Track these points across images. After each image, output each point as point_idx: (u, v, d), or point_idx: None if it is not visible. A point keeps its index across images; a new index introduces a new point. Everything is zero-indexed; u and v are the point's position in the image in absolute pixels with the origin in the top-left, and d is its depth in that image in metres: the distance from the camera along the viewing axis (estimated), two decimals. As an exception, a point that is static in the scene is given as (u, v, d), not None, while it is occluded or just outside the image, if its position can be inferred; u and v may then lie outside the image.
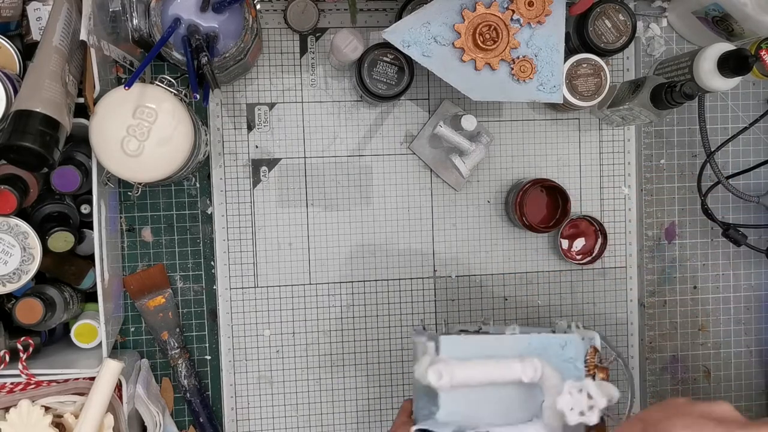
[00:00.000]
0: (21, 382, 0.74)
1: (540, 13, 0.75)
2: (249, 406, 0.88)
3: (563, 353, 0.63)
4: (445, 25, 0.75)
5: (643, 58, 0.91)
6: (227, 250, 0.87)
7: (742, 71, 0.78)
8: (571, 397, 0.59)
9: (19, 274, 0.72)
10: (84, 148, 0.77)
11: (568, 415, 0.59)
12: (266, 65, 0.87)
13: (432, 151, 0.89)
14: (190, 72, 0.69)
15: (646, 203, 0.92)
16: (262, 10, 0.86)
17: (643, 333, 0.93)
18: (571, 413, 0.59)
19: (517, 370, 0.60)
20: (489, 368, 0.60)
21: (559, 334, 0.64)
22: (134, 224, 0.86)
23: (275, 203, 0.87)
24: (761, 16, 0.80)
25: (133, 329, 0.87)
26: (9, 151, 0.62)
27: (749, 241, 0.87)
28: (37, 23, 0.73)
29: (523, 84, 0.77)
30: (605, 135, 0.91)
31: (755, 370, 0.95)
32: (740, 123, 0.92)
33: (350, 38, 0.78)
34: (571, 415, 0.59)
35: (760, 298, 0.95)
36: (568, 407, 0.59)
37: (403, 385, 0.90)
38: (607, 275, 0.92)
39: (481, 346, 0.62)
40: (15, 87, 0.67)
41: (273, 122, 0.87)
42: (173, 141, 0.70)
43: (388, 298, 0.90)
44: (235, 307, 0.87)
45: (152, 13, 0.71)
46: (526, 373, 0.60)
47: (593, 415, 0.59)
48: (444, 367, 0.59)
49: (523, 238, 0.91)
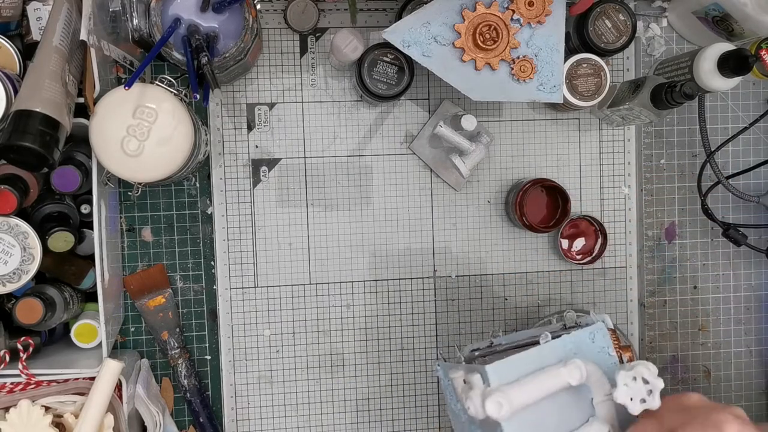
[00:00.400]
0: (21, 382, 0.74)
1: (540, 13, 0.75)
2: (249, 406, 0.88)
3: (594, 345, 0.62)
4: (445, 25, 0.75)
5: (643, 58, 0.91)
6: (227, 250, 0.87)
7: (742, 71, 0.78)
8: (627, 387, 0.57)
9: (19, 274, 0.72)
10: (84, 148, 0.77)
11: (630, 405, 0.57)
12: (266, 65, 0.87)
13: (432, 151, 0.89)
14: (190, 72, 0.69)
15: (646, 203, 0.92)
16: (262, 10, 0.86)
17: (643, 333, 0.93)
18: (632, 403, 0.57)
19: (564, 376, 0.59)
20: (539, 383, 0.59)
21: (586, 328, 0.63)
22: (134, 224, 0.86)
23: (275, 203, 0.87)
24: (761, 16, 0.80)
25: (133, 329, 0.87)
26: (9, 151, 0.62)
27: (749, 241, 0.87)
28: (37, 23, 0.73)
29: (523, 84, 0.77)
30: (605, 135, 0.91)
31: (755, 370, 0.95)
32: (740, 123, 0.92)
33: (350, 38, 0.78)
34: (633, 406, 0.57)
35: (760, 298, 0.95)
36: (627, 398, 0.57)
37: (403, 385, 0.90)
38: (607, 275, 0.92)
39: (523, 362, 0.61)
40: (15, 87, 0.67)
41: (273, 122, 0.87)
42: (173, 141, 0.70)
43: (388, 298, 0.90)
44: (235, 307, 0.87)
45: (152, 13, 0.71)
46: (572, 376, 0.59)
47: (655, 399, 0.57)
48: (501, 396, 0.57)
49: (523, 238, 0.91)
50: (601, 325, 0.63)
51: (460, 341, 0.90)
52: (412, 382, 0.90)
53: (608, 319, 0.65)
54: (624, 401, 0.57)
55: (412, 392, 0.90)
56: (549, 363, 0.61)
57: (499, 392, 0.58)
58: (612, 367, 0.62)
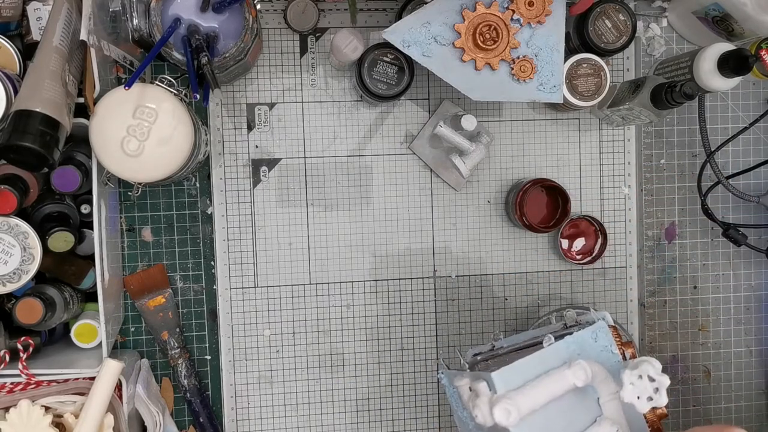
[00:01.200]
0: (21, 382, 0.74)
1: (540, 13, 0.75)
2: (249, 406, 0.88)
3: (597, 344, 0.62)
4: (445, 25, 0.75)
5: (643, 58, 0.91)
6: (227, 250, 0.87)
7: (742, 71, 0.78)
8: (633, 386, 0.57)
9: (19, 274, 0.72)
10: (84, 148, 0.77)
11: (637, 404, 0.57)
12: (266, 65, 0.87)
13: (432, 151, 0.89)
14: (190, 72, 0.69)
15: (646, 203, 0.92)
16: (262, 10, 0.86)
17: (643, 333, 0.93)
18: (640, 402, 0.57)
19: (570, 378, 0.59)
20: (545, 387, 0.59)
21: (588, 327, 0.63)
22: (134, 224, 0.86)
23: (275, 203, 0.87)
24: (761, 16, 0.80)
25: (133, 329, 0.87)
26: (9, 151, 0.62)
27: (749, 241, 0.87)
28: (37, 23, 0.73)
29: (523, 84, 0.77)
30: (605, 135, 0.91)
31: (755, 370, 0.95)
32: (740, 123, 0.92)
33: (350, 38, 0.78)
34: (640, 404, 0.57)
35: (760, 298, 0.95)
36: (634, 397, 0.57)
37: (403, 385, 0.90)
38: (607, 275, 0.92)
39: (528, 367, 0.61)
40: (15, 87, 0.67)
41: (273, 122, 0.87)
42: (173, 141, 0.70)
43: (388, 298, 0.90)
44: (235, 307, 0.87)
45: (152, 13, 0.71)
46: (578, 377, 0.59)
47: (662, 397, 0.57)
48: (508, 403, 0.57)
49: (523, 238, 0.91)
50: (602, 323, 0.63)
51: (460, 341, 0.90)
52: (412, 382, 0.90)
53: (608, 315, 0.65)
54: (631, 400, 0.57)
55: (412, 392, 0.90)
56: (553, 365, 0.60)
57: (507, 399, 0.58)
58: (616, 365, 0.61)
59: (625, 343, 0.64)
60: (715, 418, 0.95)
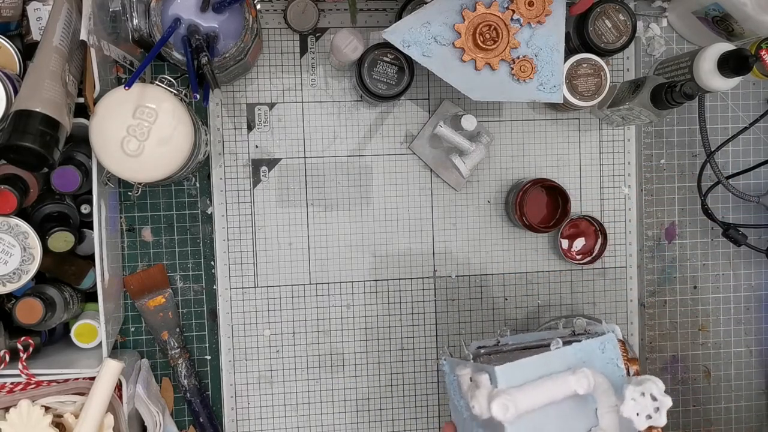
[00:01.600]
0: (21, 382, 0.74)
1: (540, 13, 0.75)
2: (249, 406, 0.88)
3: (604, 356, 0.62)
4: (445, 25, 0.75)
5: (643, 58, 0.91)
6: (227, 250, 0.87)
7: (742, 71, 0.78)
8: (635, 402, 0.57)
9: (19, 274, 0.72)
10: (84, 148, 0.77)
11: (636, 421, 0.57)
12: (266, 65, 0.87)
13: (432, 151, 0.89)
14: (190, 72, 0.69)
15: (646, 203, 0.92)
16: (262, 10, 0.86)
17: (643, 333, 0.93)
18: (639, 419, 0.57)
19: (572, 384, 0.58)
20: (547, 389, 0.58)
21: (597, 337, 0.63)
22: (134, 224, 0.86)
23: (275, 203, 0.87)
24: (761, 16, 0.80)
25: (133, 329, 0.87)
26: (9, 151, 0.62)
27: (749, 241, 0.87)
28: (37, 23, 0.73)
29: (523, 84, 0.77)
30: (605, 135, 0.91)
31: (755, 370, 0.95)
32: (740, 123, 0.92)
33: (350, 38, 0.78)
34: (638, 421, 0.57)
35: (760, 298, 0.95)
36: (634, 413, 0.57)
37: (403, 385, 0.90)
38: (607, 275, 0.92)
39: (532, 366, 0.61)
40: (15, 87, 0.67)
41: (273, 122, 0.87)
42: (173, 141, 0.70)
43: (388, 298, 0.90)
44: (235, 307, 0.87)
45: (152, 13, 0.71)
46: (580, 385, 0.58)
47: (661, 417, 0.57)
48: (508, 399, 0.57)
49: (523, 238, 0.91)
50: (611, 336, 0.63)
51: (461, 341, 0.90)
52: (412, 382, 0.90)
53: (618, 329, 0.65)
54: (630, 416, 0.57)
55: (412, 392, 0.90)
56: (557, 369, 0.60)
57: (507, 395, 0.57)
58: (619, 379, 0.61)
59: (631, 359, 0.64)
60: (715, 418, 0.95)
